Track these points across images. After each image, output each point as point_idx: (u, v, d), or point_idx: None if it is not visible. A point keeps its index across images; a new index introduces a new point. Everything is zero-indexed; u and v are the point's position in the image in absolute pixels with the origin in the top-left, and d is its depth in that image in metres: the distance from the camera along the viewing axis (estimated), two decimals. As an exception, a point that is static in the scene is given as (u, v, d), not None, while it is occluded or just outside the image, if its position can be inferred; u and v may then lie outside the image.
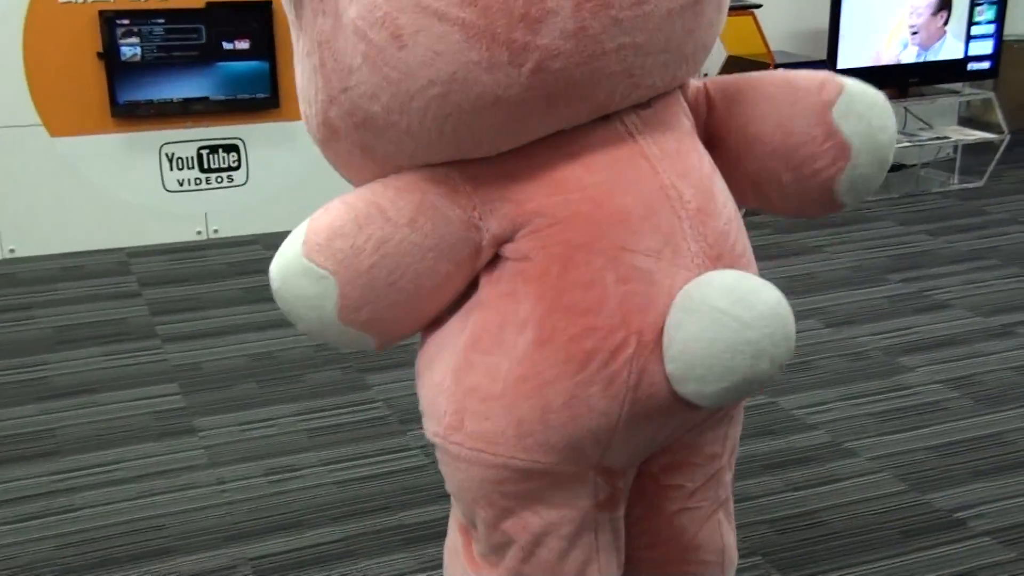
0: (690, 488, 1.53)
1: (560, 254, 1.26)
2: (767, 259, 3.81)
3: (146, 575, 2.05)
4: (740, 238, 1.37)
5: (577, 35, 1.16)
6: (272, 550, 2.12)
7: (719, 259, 1.31)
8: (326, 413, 2.67)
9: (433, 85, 1.17)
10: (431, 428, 1.40)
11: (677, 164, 1.31)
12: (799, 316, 3.23)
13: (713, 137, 1.46)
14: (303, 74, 1.33)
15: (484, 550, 1.46)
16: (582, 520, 1.41)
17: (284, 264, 1.33)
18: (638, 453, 1.41)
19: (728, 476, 1.60)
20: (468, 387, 1.33)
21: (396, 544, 2.13)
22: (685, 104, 1.42)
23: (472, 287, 1.36)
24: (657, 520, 1.55)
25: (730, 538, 1.64)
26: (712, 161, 1.40)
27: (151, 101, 3.84)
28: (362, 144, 1.29)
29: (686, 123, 1.39)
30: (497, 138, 1.25)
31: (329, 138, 1.33)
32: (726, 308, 1.22)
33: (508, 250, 1.31)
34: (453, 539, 1.57)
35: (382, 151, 1.29)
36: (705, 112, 1.46)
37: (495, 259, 1.33)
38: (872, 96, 1.45)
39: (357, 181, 1.38)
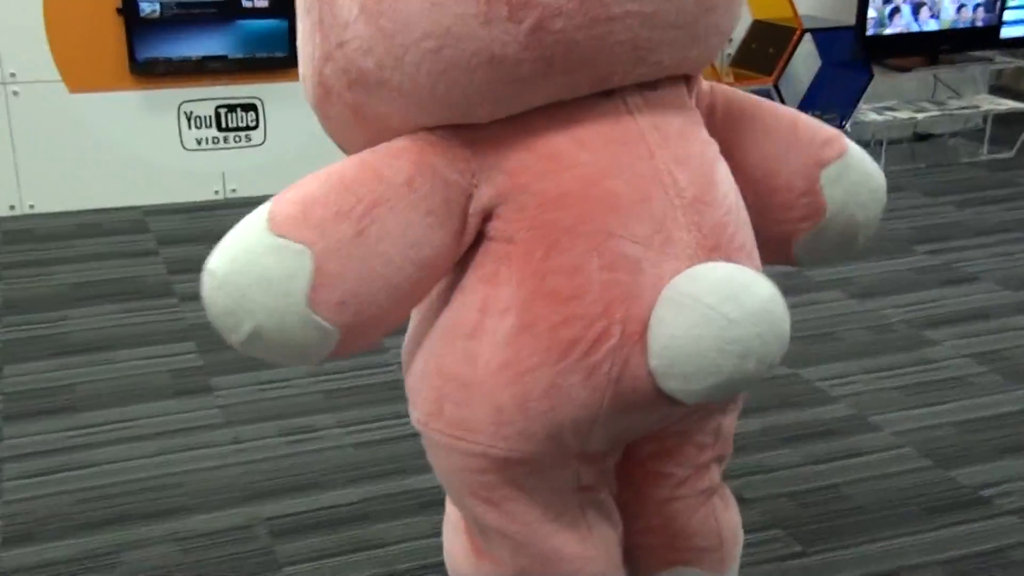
0: (679, 476, 1.48)
1: (544, 236, 1.20)
2: (791, 228, 3.75)
3: (163, 532, 2.05)
4: (741, 230, 1.30)
5: None
6: (288, 510, 2.11)
7: (714, 250, 1.25)
8: (343, 375, 2.65)
9: (428, 38, 1.12)
10: (414, 415, 1.36)
11: (677, 149, 1.26)
12: (824, 286, 3.21)
13: None
14: (302, 34, 1.28)
15: (478, 536, 1.44)
16: (566, 503, 1.37)
17: (236, 245, 1.19)
18: (620, 440, 1.37)
19: (720, 465, 1.54)
20: (448, 373, 1.28)
21: (411, 508, 2.12)
22: (691, 94, 1.36)
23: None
24: (646, 506, 1.50)
25: (728, 519, 1.56)
26: (718, 150, 1.34)
27: (169, 59, 3.80)
28: (354, 105, 1.23)
29: (693, 112, 1.34)
30: (492, 102, 1.19)
31: (323, 99, 1.27)
32: (715, 304, 1.16)
33: (492, 229, 1.24)
34: (452, 513, 1.54)
35: (373, 111, 1.23)
36: (705, 115, 1.40)
37: (478, 241, 1.26)
38: (869, 172, 1.44)
39: (350, 148, 1.31)
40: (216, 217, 3.82)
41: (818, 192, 1.39)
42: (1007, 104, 4.66)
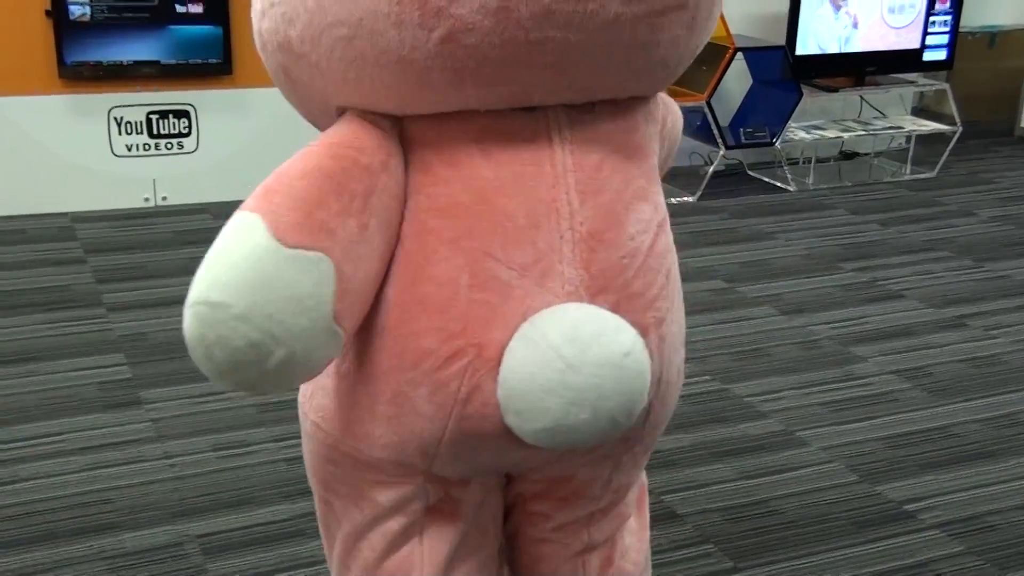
0: (556, 521, 1.42)
1: (427, 243, 1.16)
2: (721, 244, 3.82)
3: (90, 550, 2.00)
4: (647, 277, 1.23)
5: (498, 14, 1.06)
6: (220, 527, 2.08)
7: (602, 293, 1.19)
8: (277, 389, 2.62)
9: (340, 25, 1.09)
10: (299, 398, 1.38)
11: (588, 181, 1.19)
12: (754, 302, 3.27)
13: None
14: None
15: (322, 530, 1.44)
16: (409, 524, 1.33)
17: (251, 271, 1.07)
18: (474, 470, 1.32)
19: (610, 522, 1.45)
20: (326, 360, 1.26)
21: (348, 524, 2.10)
22: (655, 123, 1.31)
23: None
24: (520, 543, 1.47)
25: None
26: (650, 188, 1.27)
27: (100, 62, 3.73)
28: (284, 65, 1.21)
29: (638, 143, 1.26)
30: (399, 100, 1.15)
31: (261, 50, 1.24)
32: (557, 345, 1.12)
33: None
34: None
35: (296, 77, 1.21)
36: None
37: None
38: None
39: (288, 97, 1.29)
40: (146, 225, 3.76)
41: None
42: (929, 125, 4.80)
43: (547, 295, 1.17)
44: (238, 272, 1.08)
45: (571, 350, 1.12)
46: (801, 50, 4.35)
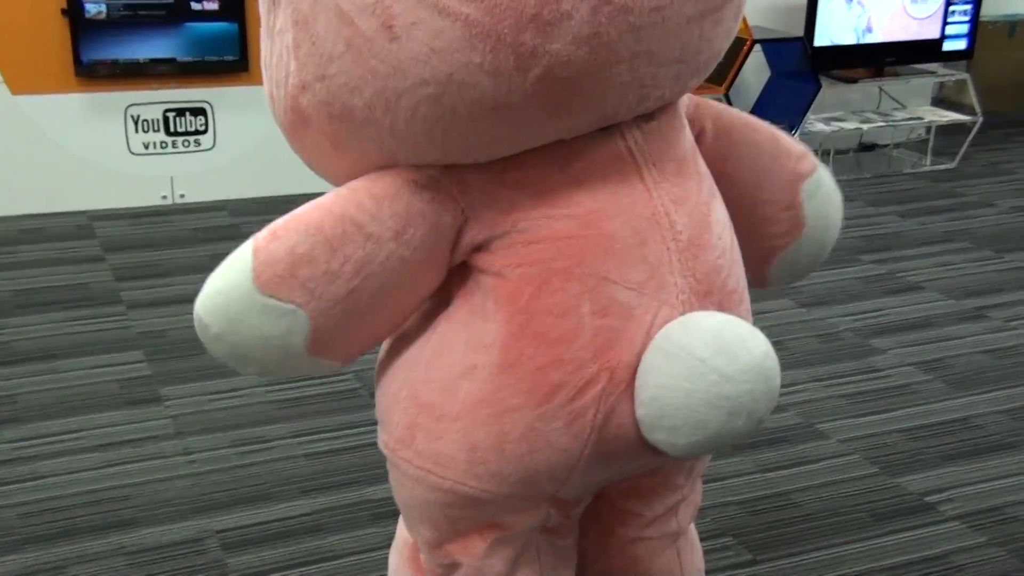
0: (648, 517, 1.45)
1: (535, 275, 1.16)
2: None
3: (110, 546, 2.01)
4: (733, 272, 1.27)
5: (591, 41, 1.04)
6: (239, 523, 2.09)
7: (707, 295, 1.22)
8: (295, 384, 2.63)
9: (426, 85, 1.05)
10: (383, 438, 1.33)
11: (674, 189, 1.21)
12: (773, 295, 3.25)
13: None
14: (272, 52, 1.19)
15: (428, 565, 1.41)
16: (526, 543, 1.35)
17: (227, 304, 1.17)
18: (597, 486, 1.34)
19: (688, 507, 1.50)
20: (424, 402, 1.24)
21: (365, 519, 2.11)
22: (683, 115, 1.32)
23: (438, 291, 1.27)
24: (609, 546, 1.47)
25: (691, 563, 1.54)
26: (712, 184, 1.30)
27: (116, 61, 3.74)
28: (335, 137, 1.16)
29: (687, 139, 1.29)
30: (490, 146, 1.13)
31: (297, 125, 1.19)
32: (707, 357, 1.13)
33: (480, 261, 1.20)
34: (400, 538, 1.52)
35: (358, 148, 1.17)
36: (696, 133, 1.37)
37: (468, 270, 1.22)
38: (835, 188, 1.46)
39: (323, 173, 1.27)
40: (164, 223, 3.77)
41: (799, 205, 1.40)
42: (949, 116, 4.76)
43: (666, 308, 1.18)
44: (219, 299, 1.18)
45: (721, 360, 1.13)
46: (819, 41, 4.32)
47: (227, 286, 1.17)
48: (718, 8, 1.13)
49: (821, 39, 4.32)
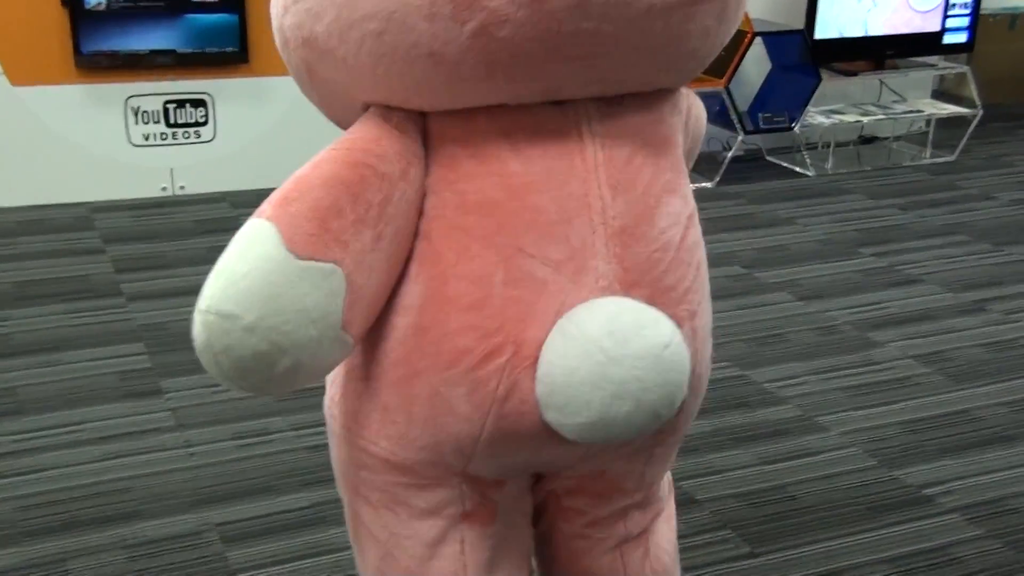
0: (591, 516, 1.42)
1: (458, 241, 1.15)
2: (739, 229, 3.80)
3: (110, 539, 2.02)
4: (677, 272, 1.23)
5: (532, 5, 1.04)
6: (239, 516, 2.10)
7: (635, 286, 1.19)
8: (295, 377, 2.63)
9: (371, 19, 1.07)
10: (324, 400, 1.35)
11: (619, 174, 1.19)
12: (772, 288, 3.25)
13: None
14: None
15: (352, 537, 1.41)
16: (446, 529, 1.32)
17: (261, 283, 1.08)
18: (510, 470, 1.32)
19: (644, 514, 1.46)
20: (353, 363, 1.26)
21: (366, 512, 2.11)
22: (680, 115, 1.30)
23: None
24: (555, 539, 1.46)
25: (643, 571, 1.49)
26: (679, 182, 1.27)
27: (116, 52, 3.74)
28: (307, 62, 1.19)
29: (665, 133, 1.26)
30: (429, 95, 1.14)
31: (282, 48, 1.23)
32: (598, 338, 1.12)
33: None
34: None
35: (322, 74, 1.19)
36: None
37: None
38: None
39: (312, 100, 1.28)
40: (164, 214, 3.77)
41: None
42: (949, 108, 4.76)
43: (582, 290, 1.16)
44: (250, 282, 1.08)
45: (611, 343, 1.12)
46: (820, 34, 4.31)
47: (256, 265, 1.08)
48: (688, 4, 1.11)
49: (821, 32, 4.31)
